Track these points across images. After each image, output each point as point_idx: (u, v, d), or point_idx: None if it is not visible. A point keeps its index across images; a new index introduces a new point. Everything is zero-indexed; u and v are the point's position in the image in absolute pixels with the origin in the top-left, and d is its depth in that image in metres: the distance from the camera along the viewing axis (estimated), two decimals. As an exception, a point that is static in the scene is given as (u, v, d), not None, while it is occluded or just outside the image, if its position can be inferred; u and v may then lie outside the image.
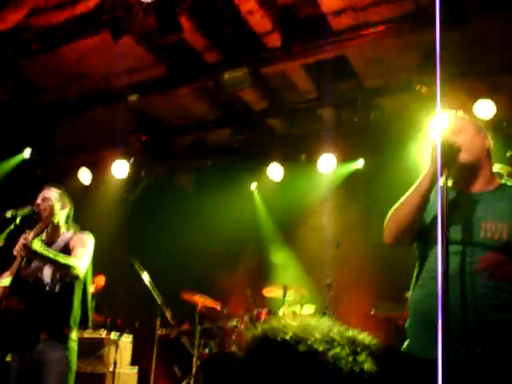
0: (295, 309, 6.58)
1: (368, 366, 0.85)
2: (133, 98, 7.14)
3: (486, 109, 6.22)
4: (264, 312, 6.34)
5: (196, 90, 7.25)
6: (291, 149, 8.03)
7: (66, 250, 4.05)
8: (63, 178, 7.88)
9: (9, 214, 3.92)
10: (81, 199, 5.37)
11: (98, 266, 4.86)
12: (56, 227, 4.22)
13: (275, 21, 5.84)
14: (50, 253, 3.84)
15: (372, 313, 5.81)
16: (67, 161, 8.88)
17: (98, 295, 7.35)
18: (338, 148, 7.54)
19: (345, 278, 6.65)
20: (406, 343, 2.65)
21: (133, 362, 6.63)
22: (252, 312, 6.43)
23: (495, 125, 6.26)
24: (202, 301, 6.79)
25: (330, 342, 0.87)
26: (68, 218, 4.33)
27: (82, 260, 3.97)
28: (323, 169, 7.63)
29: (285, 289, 6.56)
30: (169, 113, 7.94)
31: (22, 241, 3.73)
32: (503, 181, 2.74)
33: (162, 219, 8.52)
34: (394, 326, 5.65)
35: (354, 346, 0.88)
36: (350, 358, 0.86)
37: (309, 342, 0.87)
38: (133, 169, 8.41)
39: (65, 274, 3.91)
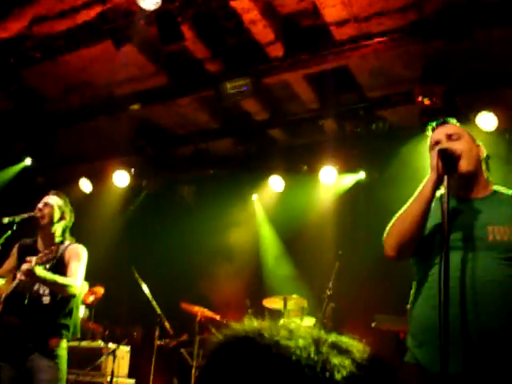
0: (295, 320, 6.53)
1: (336, 360, 0.82)
2: (135, 107, 7.14)
3: (487, 121, 6.21)
4: (263, 323, 6.28)
5: (198, 99, 7.24)
6: (293, 160, 8.00)
7: (60, 261, 4.04)
8: (64, 187, 7.86)
9: (6, 220, 3.94)
10: (81, 208, 5.36)
11: (97, 275, 4.84)
12: (52, 236, 4.20)
13: (278, 31, 5.85)
14: (50, 276, 3.86)
15: (373, 325, 5.75)
16: (68, 170, 8.87)
17: (97, 305, 7.32)
18: (339, 159, 7.51)
19: (346, 289, 6.59)
20: (407, 356, 2.61)
21: (131, 373, 6.56)
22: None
23: (498, 137, 6.24)
24: (201, 311, 6.75)
25: (295, 337, 0.85)
26: (66, 229, 4.31)
27: (77, 277, 4.04)
28: (325, 180, 7.60)
29: (285, 300, 6.51)
30: (170, 122, 7.93)
31: (26, 266, 3.74)
32: (495, 187, 2.72)
33: (163, 229, 8.48)
34: (395, 339, 5.59)
35: (317, 338, 0.85)
36: (312, 348, 0.82)
37: (275, 338, 0.84)
38: (134, 178, 8.39)
39: (62, 292, 3.97)
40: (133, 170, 8.32)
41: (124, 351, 6.49)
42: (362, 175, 7.72)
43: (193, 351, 6.47)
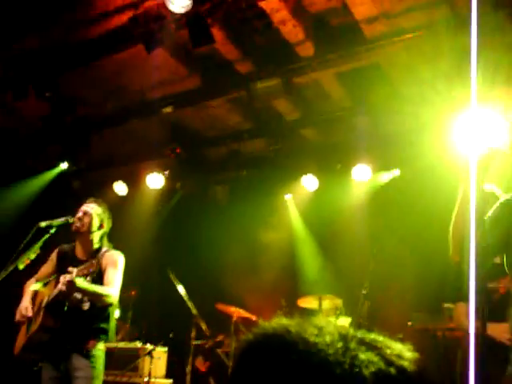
0: (330, 319, 6.50)
1: (364, 356, 0.81)
2: (167, 110, 7.19)
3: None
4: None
5: (229, 100, 7.26)
6: (326, 158, 7.97)
7: (98, 268, 4.09)
8: (99, 190, 7.98)
9: (43, 224, 4.00)
10: (116, 211, 5.43)
11: (133, 277, 4.90)
12: (90, 243, 4.27)
13: (308, 30, 5.83)
14: (90, 288, 3.92)
15: (409, 324, 5.69)
16: (103, 173, 8.99)
17: (133, 307, 7.41)
18: (372, 157, 7.45)
19: (381, 288, 6.53)
20: (509, 370, 2.51)
21: (168, 374, 6.61)
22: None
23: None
24: (237, 312, 6.77)
25: (323, 334, 0.84)
26: (104, 235, 4.36)
27: (114, 285, 4.10)
28: (358, 178, 7.55)
29: (320, 299, 6.49)
30: (203, 124, 7.98)
31: (67, 278, 3.81)
32: None
33: (197, 231, 8.54)
34: (431, 338, 5.52)
35: (345, 334, 0.85)
36: (340, 344, 0.82)
37: (302, 334, 0.84)
38: (168, 181, 8.47)
39: (101, 302, 4.04)
40: (167, 172, 8.40)
41: (161, 352, 6.54)
42: (396, 172, 7.64)
43: (229, 351, 6.49)
